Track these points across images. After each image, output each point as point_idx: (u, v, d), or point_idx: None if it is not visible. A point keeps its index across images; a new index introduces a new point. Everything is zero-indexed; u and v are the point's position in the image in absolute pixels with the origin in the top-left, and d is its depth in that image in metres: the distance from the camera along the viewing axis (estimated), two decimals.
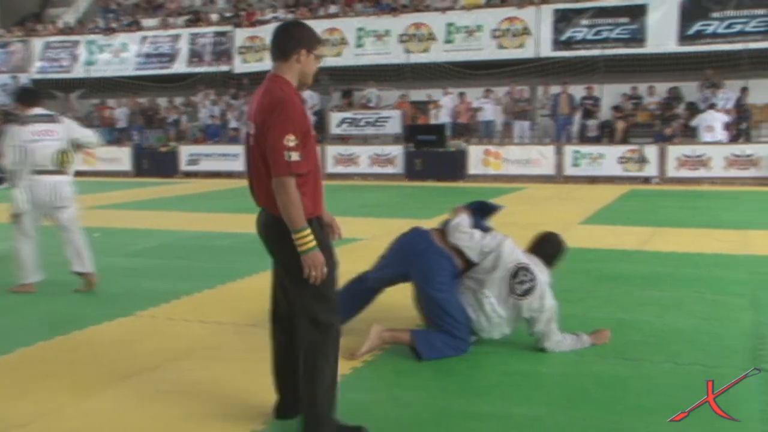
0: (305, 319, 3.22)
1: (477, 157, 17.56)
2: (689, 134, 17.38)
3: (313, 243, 3.11)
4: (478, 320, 4.46)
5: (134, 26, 25.76)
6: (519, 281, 4.41)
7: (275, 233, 3.19)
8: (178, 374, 4.21)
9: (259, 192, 3.25)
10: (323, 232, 3.27)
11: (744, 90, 17.86)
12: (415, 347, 4.38)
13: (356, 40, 21.90)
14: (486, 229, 4.72)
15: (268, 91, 3.18)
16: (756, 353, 4.44)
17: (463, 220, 4.67)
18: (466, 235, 4.56)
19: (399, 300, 5.03)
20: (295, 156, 3.05)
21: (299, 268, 3.12)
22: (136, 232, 9.79)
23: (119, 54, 24.94)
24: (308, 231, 3.10)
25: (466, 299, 4.47)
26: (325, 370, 3.20)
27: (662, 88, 19.66)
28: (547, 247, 4.70)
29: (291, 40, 3.21)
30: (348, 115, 20.21)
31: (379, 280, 4.78)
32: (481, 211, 4.93)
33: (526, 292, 4.40)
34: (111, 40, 25.23)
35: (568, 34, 19.85)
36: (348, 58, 21.38)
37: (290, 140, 3.04)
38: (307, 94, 18.38)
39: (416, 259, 4.52)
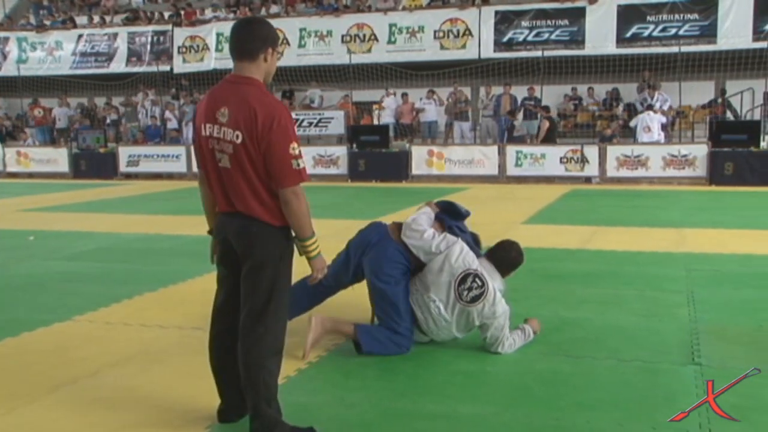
0: (259, 330, 3.14)
1: (420, 157, 17.61)
2: (628, 135, 17.77)
3: (319, 249, 3.18)
4: (426, 321, 4.45)
5: (69, 24, 25.12)
6: (467, 287, 4.35)
7: (258, 238, 3.11)
8: (118, 380, 4.09)
9: (236, 197, 3.11)
10: None
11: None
12: (356, 339, 4.36)
13: (298, 41, 21.77)
14: (458, 231, 4.66)
15: (251, 97, 3.03)
16: (692, 348, 4.54)
17: (421, 216, 4.61)
18: (417, 234, 4.50)
19: (346, 299, 5.00)
20: (302, 163, 3.06)
21: (276, 275, 3.14)
22: (73, 234, 9.52)
23: (53, 52, 24.28)
24: (316, 238, 3.16)
25: (414, 299, 4.45)
26: (268, 381, 3.18)
27: (601, 89, 20.07)
28: (503, 255, 4.63)
29: (257, 40, 3.11)
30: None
31: (332, 275, 4.56)
32: (450, 213, 4.84)
33: (475, 299, 4.35)
34: (44, 37, 24.54)
35: (509, 35, 20.09)
36: (290, 58, 21.20)
37: (295, 148, 3.04)
38: None
39: (369, 249, 4.53)
